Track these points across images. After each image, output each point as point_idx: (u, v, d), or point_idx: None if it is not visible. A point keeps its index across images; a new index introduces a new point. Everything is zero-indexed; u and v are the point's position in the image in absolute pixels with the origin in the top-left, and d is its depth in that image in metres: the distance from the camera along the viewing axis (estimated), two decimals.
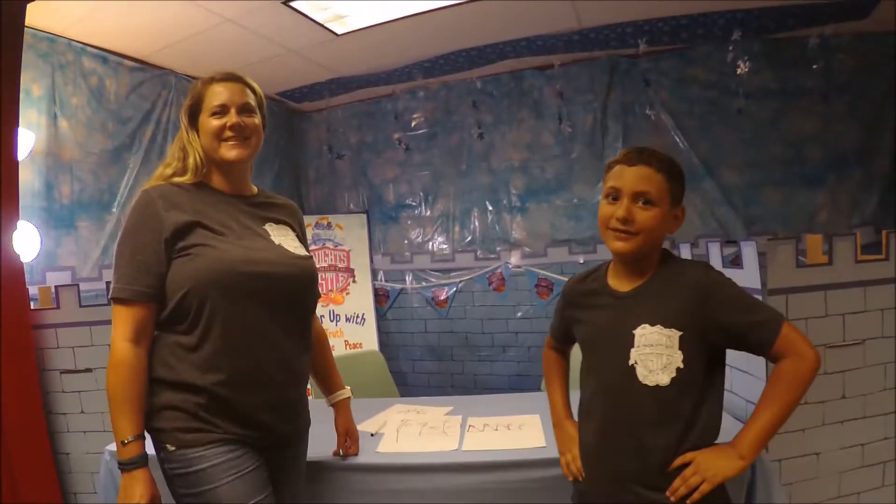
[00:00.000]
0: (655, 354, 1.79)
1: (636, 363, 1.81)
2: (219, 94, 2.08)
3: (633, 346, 1.82)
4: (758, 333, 1.76)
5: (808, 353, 1.74)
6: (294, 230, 2.31)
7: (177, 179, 2.08)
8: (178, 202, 1.99)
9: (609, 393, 1.90)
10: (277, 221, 2.24)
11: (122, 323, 1.88)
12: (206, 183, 2.14)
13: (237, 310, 1.91)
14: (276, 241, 2.14)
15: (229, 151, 2.06)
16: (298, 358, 2.12)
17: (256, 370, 1.94)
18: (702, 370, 1.80)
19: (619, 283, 1.95)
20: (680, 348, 1.77)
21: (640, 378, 1.80)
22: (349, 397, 2.56)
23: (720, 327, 1.77)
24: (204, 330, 1.89)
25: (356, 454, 2.53)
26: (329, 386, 2.53)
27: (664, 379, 1.78)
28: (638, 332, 1.82)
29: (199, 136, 2.11)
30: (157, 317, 1.94)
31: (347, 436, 2.52)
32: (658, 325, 1.80)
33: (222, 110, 2.07)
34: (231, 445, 1.89)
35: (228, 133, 2.06)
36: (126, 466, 1.82)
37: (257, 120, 2.15)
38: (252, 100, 2.15)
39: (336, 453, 2.53)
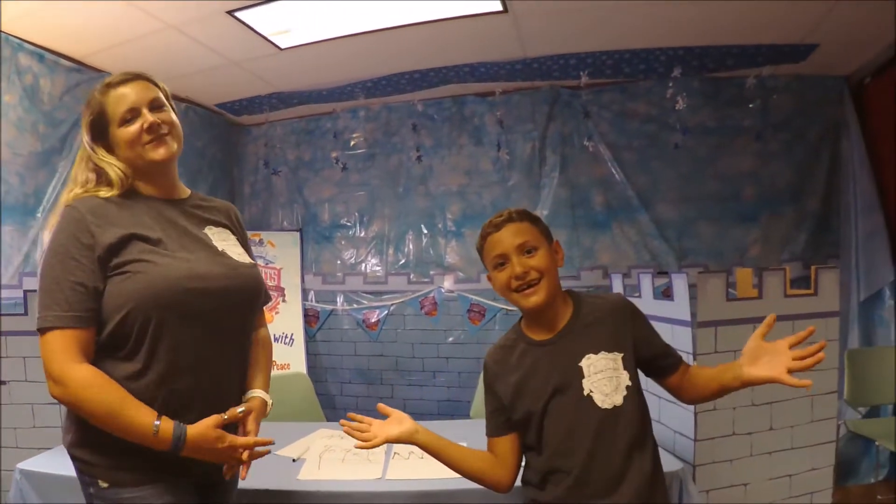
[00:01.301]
0: (606, 378, 1.89)
1: (591, 392, 1.88)
2: (123, 98, 1.89)
3: (583, 376, 1.90)
4: (669, 360, 2.04)
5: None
6: (235, 233, 2.15)
7: (103, 193, 1.87)
8: (109, 215, 1.81)
9: (573, 433, 1.90)
10: (217, 224, 2.09)
11: (65, 350, 1.67)
12: (136, 190, 1.95)
13: (181, 331, 1.76)
14: (220, 248, 2.00)
15: (155, 152, 1.89)
16: (238, 381, 2.00)
17: (198, 398, 1.80)
18: (640, 389, 1.94)
19: (540, 334, 2.02)
20: (625, 368, 1.91)
21: (599, 403, 1.88)
22: (265, 401, 2.04)
23: (641, 342, 1.97)
24: (147, 356, 1.74)
25: (246, 441, 1.86)
26: (248, 383, 2.06)
27: (618, 399, 1.88)
28: (584, 362, 1.91)
29: (111, 151, 1.92)
30: (94, 340, 1.75)
31: (245, 415, 1.91)
32: (602, 352, 1.91)
33: (133, 115, 1.88)
34: (166, 484, 1.76)
35: (146, 136, 1.88)
36: (179, 445, 1.68)
37: (173, 115, 1.99)
38: (159, 94, 1.97)
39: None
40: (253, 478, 2.18)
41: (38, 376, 3.21)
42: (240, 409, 1.84)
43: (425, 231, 6.20)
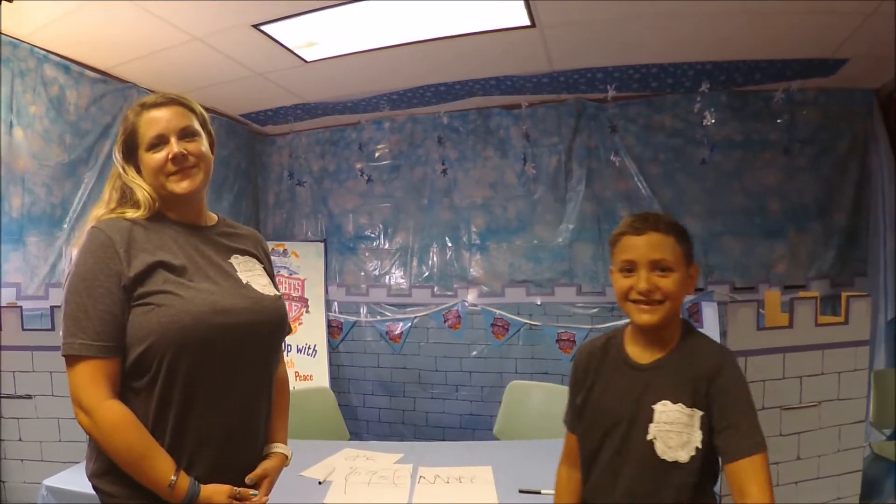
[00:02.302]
0: (675, 433, 1.74)
1: (655, 438, 1.76)
2: (154, 122, 1.86)
3: (651, 420, 1.78)
4: (740, 441, 1.70)
5: (770, 495, 1.67)
6: (261, 261, 2.10)
7: (130, 215, 1.83)
8: (135, 240, 1.77)
9: (624, 469, 1.83)
10: (243, 252, 2.04)
11: (94, 382, 1.66)
12: (163, 214, 1.91)
13: (202, 368, 1.72)
14: (244, 280, 1.94)
15: (177, 186, 1.85)
16: (259, 419, 1.93)
17: (220, 434, 1.77)
18: (715, 456, 1.76)
19: (638, 353, 1.90)
20: (700, 428, 1.73)
21: (659, 453, 1.75)
22: (285, 455, 2.03)
23: (715, 414, 1.73)
24: (164, 390, 1.69)
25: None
26: (270, 435, 2.04)
27: (683, 456, 1.73)
28: (658, 407, 1.78)
29: (140, 172, 1.88)
30: (120, 369, 1.72)
31: (260, 480, 1.90)
32: (680, 404, 1.75)
33: (160, 140, 1.85)
34: None
35: (171, 167, 1.84)
36: (191, 502, 1.67)
37: (203, 145, 1.93)
38: (194, 121, 1.93)
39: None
40: (279, 500, 2.17)
41: (64, 391, 3.18)
42: (252, 492, 1.81)
43: (449, 244, 6.18)
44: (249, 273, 1.99)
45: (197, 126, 1.94)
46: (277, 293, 2.03)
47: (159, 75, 4.89)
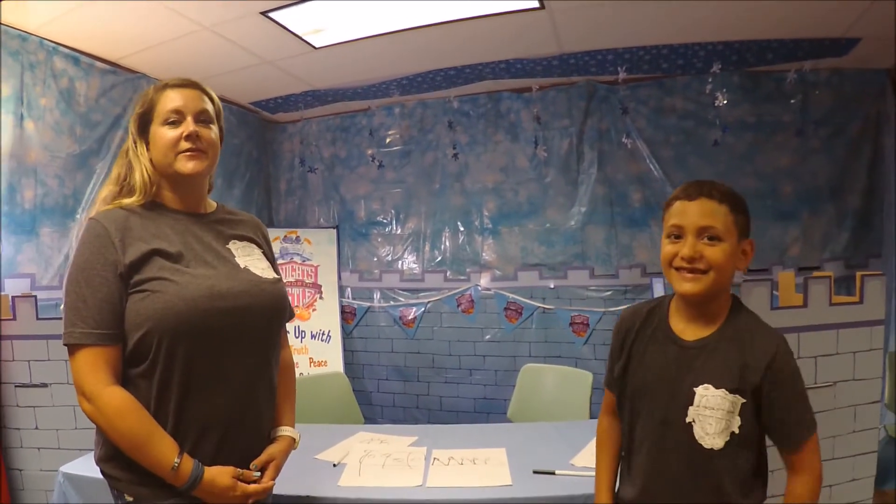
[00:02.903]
0: (715, 419, 1.71)
1: (693, 421, 1.73)
2: (173, 99, 1.89)
3: (692, 403, 1.74)
4: (793, 429, 1.72)
5: (818, 470, 1.73)
6: (260, 246, 2.12)
7: (126, 202, 1.86)
8: (132, 229, 1.80)
9: (658, 446, 1.82)
10: (241, 238, 2.06)
11: (95, 369, 1.69)
12: (159, 201, 1.94)
13: (200, 353, 1.74)
14: (242, 264, 1.95)
15: (185, 164, 1.87)
16: (260, 402, 1.93)
17: (220, 419, 1.79)
18: (755, 439, 1.74)
19: (683, 328, 1.85)
20: (739, 414, 1.71)
21: (697, 438, 1.72)
22: (293, 439, 2.05)
23: (767, 403, 1.71)
24: (163, 375, 1.72)
25: (256, 489, 1.84)
26: (277, 418, 2.07)
27: (719, 443, 1.70)
28: (700, 390, 1.73)
29: (147, 149, 1.92)
30: (121, 357, 1.74)
31: (266, 464, 1.90)
32: (723, 390, 1.71)
33: (177, 117, 1.88)
34: (189, 500, 1.74)
35: (184, 144, 1.86)
36: (194, 485, 1.70)
37: (214, 133, 1.96)
38: (210, 108, 1.97)
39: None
40: (294, 483, 2.19)
41: None
42: (256, 472, 1.83)
43: (461, 228, 6.19)
44: (248, 258, 2.00)
45: (212, 114, 1.98)
46: (277, 276, 2.04)
47: (169, 65, 4.89)
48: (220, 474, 1.74)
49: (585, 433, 2.93)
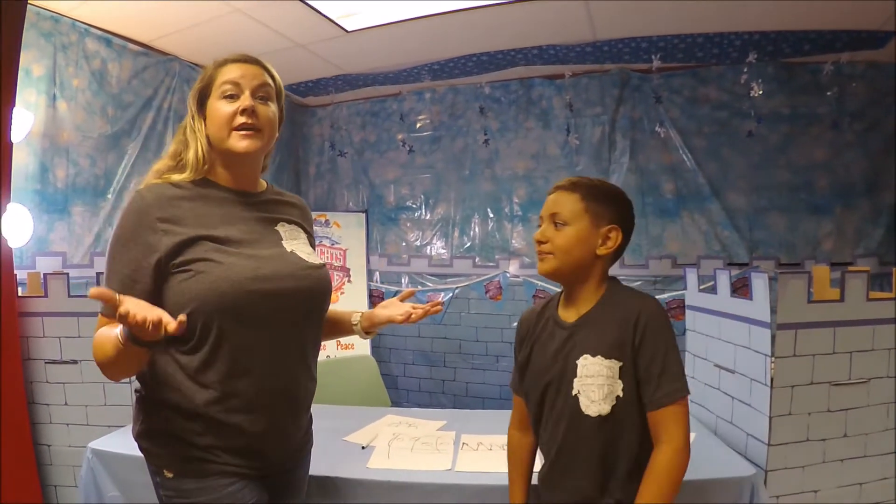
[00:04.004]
0: (597, 385, 1.82)
1: (579, 393, 1.84)
2: (231, 73, 1.86)
3: (576, 375, 1.85)
4: (656, 385, 1.78)
5: (680, 442, 1.77)
6: (306, 231, 2.12)
7: (175, 178, 1.85)
8: (178, 209, 1.77)
9: (558, 424, 1.91)
10: (289, 221, 2.04)
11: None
12: (210, 179, 1.91)
13: (245, 333, 1.74)
14: (288, 248, 1.94)
15: (239, 142, 1.83)
16: (304, 384, 1.95)
17: (261, 398, 1.79)
18: (637, 400, 1.82)
19: (566, 313, 1.98)
20: (620, 378, 1.81)
21: (583, 408, 1.83)
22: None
23: (636, 357, 1.81)
24: (208, 354, 1.72)
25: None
26: (344, 321, 2.28)
27: (605, 408, 1.81)
28: (580, 362, 1.85)
29: (205, 125, 1.89)
30: None
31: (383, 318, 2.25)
32: (599, 356, 1.82)
33: (235, 90, 1.84)
34: (231, 478, 1.76)
35: (240, 119, 1.82)
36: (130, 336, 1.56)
37: (273, 111, 1.92)
38: (270, 85, 1.92)
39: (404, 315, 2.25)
40: (323, 464, 2.19)
41: None
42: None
43: (491, 215, 6.16)
44: (295, 241, 1.99)
45: (273, 92, 1.94)
46: (322, 261, 2.03)
47: (200, 47, 4.91)
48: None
49: None
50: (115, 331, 1.61)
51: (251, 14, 4.37)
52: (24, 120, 3.85)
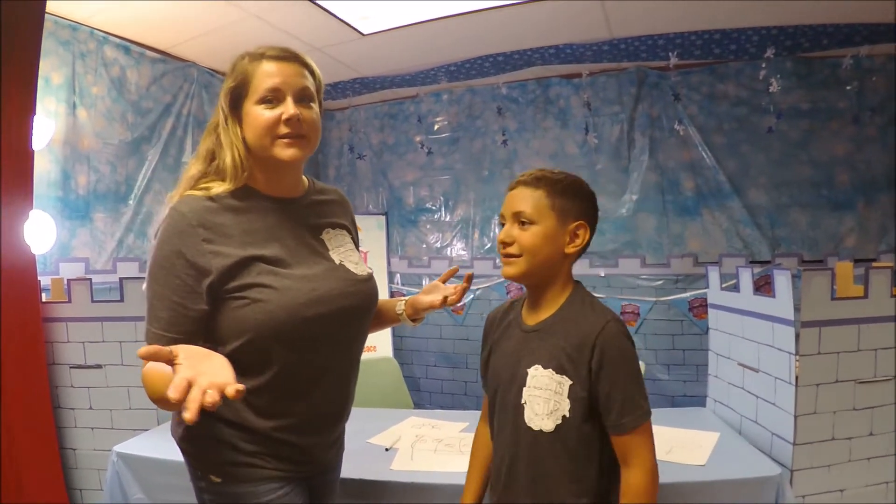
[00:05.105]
0: (543, 399, 1.76)
1: (525, 403, 1.79)
2: (271, 75, 1.72)
3: (525, 385, 1.79)
4: (619, 411, 1.71)
5: (649, 463, 1.72)
6: (350, 232, 2.05)
7: (215, 191, 1.73)
8: (222, 227, 1.69)
9: (502, 431, 1.88)
10: (334, 225, 1.97)
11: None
12: (251, 185, 1.80)
13: (299, 357, 1.72)
14: (337, 260, 1.88)
15: (284, 151, 1.73)
16: (351, 395, 1.95)
17: (314, 414, 1.78)
18: (591, 425, 1.75)
19: (528, 315, 1.92)
20: (568, 397, 1.74)
21: (526, 420, 1.78)
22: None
23: (595, 381, 1.72)
24: (264, 378, 1.69)
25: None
26: (388, 311, 2.21)
27: (549, 425, 1.74)
28: (531, 371, 1.79)
29: (240, 128, 1.77)
30: None
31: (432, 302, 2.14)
32: (550, 370, 1.76)
33: (276, 97, 1.72)
34: (278, 482, 1.74)
35: (283, 128, 1.71)
36: None
37: (316, 112, 1.80)
38: (311, 85, 1.79)
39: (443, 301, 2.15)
40: (346, 466, 2.19)
41: (133, 360, 3.30)
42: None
43: None
44: (341, 249, 1.94)
45: (313, 91, 1.83)
46: (369, 271, 1.98)
47: (218, 53, 4.94)
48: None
49: None
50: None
51: (267, 19, 4.38)
52: (45, 128, 3.88)
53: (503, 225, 1.85)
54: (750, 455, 2.71)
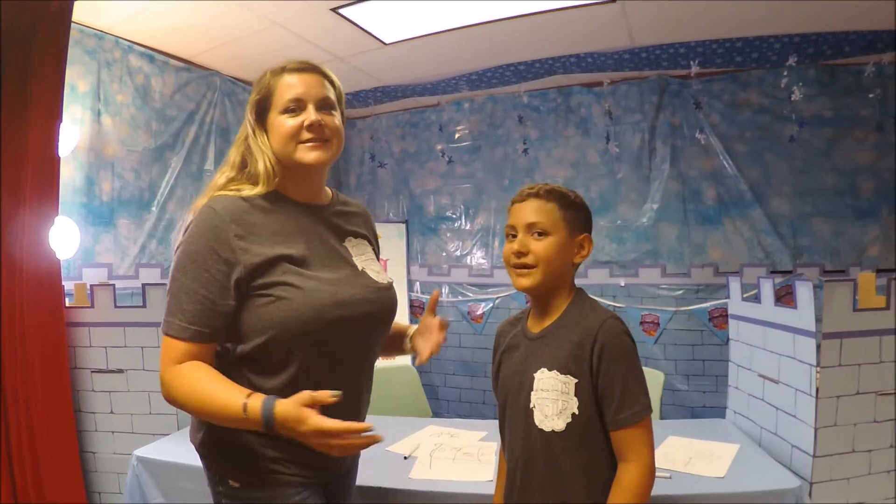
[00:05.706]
0: (551, 400, 1.80)
1: (534, 406, 1.83)
2: (293, 86, 1.80)
3: (532, 389, 1.83)
4: (618, 405, 1.75)
5: (647, 459, 1.76)
6: (371, 243, 2.10)
7: (247, 193, 1.79)
8: (253, 226, 1.74)
9: (514, 437, 1.91)
10: (356, 235, 2.02)
11: (174, 359, 1.65)
12: (281, 192, 1.86)
13: (320, 358, 1.74)
14: (360, 266, 1.92)
15: (307, 154, 1.79)
16: (367, 400, 1.97)
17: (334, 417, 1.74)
18: (601, 421, 1.79)
19: (533, 324, 1.96)
20: (576, 395, 1.78)
21: (537, 423, 1.81)
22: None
23: (596, 377, 1.77)
24: (285, 378, 1.71)
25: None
26: (396, 342, 2.17)
27: (559, 424, 1.78)
28: (537, 375, 1.83)
29: (267, 138, 1.83)
30: (213, 350, 1.72)
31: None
32: (555, 371, 1.80)
33: (298, 106, 1.79)
34: (298, 487, 1.76)
35: (306, 134, 1.78)
36: (270, 423, 1.53)
37: (338, 119, 1.87)
38: (331, 94, 1.87)
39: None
40: (366, 474, 2.20)
41: (154, 365, 3.31)
42: (330, 393, 1.60)
43: None
44: (363, 257, 1.98)
45: (334, 100, 1.89)
46: (389, 280, 2.01)
47: (241, 61, 4.99)
48: (291, 406, 1.55)
49: (657, 433, 2.91)
50: (236, 396, 1.58)
51: (290, 28, 4.41)
52: (71, 135, 3.94)
53: (510, 237, 1.90)
54: (769, 467, 2.69)
